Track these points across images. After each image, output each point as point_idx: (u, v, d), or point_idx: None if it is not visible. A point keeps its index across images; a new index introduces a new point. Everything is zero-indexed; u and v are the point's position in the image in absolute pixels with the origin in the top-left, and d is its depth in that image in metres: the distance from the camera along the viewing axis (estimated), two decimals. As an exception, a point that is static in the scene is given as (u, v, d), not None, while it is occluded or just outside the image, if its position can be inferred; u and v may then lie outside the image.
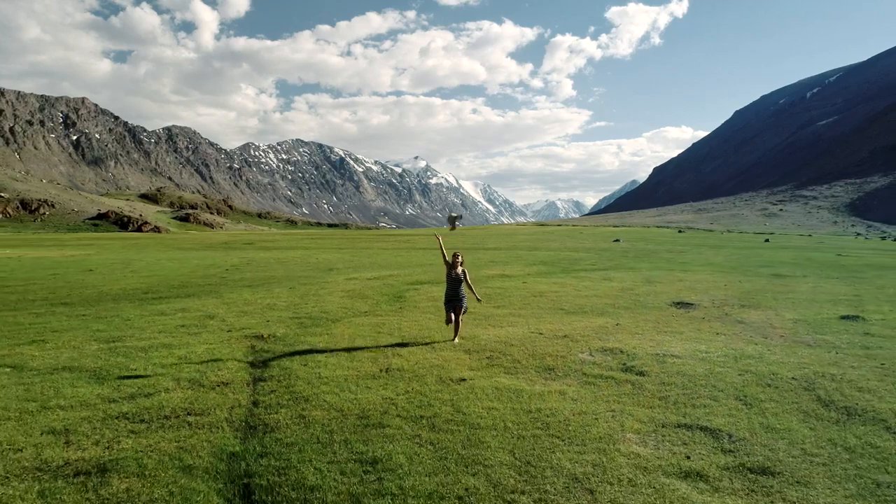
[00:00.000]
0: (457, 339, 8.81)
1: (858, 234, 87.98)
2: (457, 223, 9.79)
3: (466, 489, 3.86)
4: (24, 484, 4.04)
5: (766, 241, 59.27)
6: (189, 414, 5.55)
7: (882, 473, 4.12)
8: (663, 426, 5.10)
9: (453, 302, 8.75)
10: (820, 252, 38.81)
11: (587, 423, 5.13)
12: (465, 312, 9.04)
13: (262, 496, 3.89)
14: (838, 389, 6.09)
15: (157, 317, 11.51)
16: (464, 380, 6.59)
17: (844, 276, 21.14)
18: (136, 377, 6.82)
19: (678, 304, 13.29)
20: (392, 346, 8.57)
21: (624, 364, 7.32)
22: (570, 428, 5.02)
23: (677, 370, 6.96)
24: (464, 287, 8.89)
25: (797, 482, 3.99)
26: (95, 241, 59.98)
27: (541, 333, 9.48)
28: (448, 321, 8.85)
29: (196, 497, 3.85)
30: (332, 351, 8.25)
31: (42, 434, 5.02)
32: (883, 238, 73.63)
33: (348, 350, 8.30)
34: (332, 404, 5.75)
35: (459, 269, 8.89)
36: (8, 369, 7.30)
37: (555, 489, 3.87)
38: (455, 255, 9.02)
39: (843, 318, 11.10)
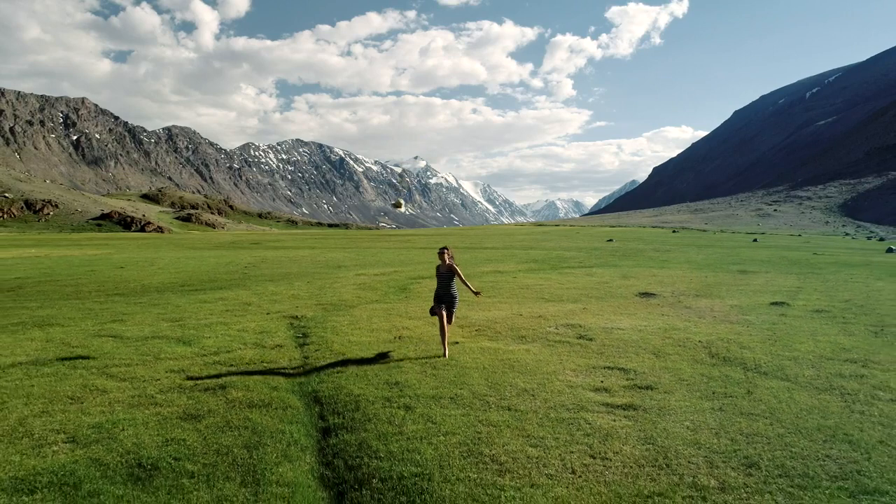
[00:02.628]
0: (447, 354, 8.03)
1: (847, 234, 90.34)
2: (400, 205, 10.58)
3: (455, 394, 6.18)
4: (174, 395, 6.35)
5: (755, 240, 61.51)
6: (262, 362, 7.86)
7: (721, 388, 6.44)
8: (593, 367, 7.41)
9: (444, 300, 8.23)
10: (798, 251, 41.07)
11: (540, 365, 7.46)
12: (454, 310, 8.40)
13: (326, 400, 6.20)
14: (727, 348, 8.42)
15: (202, 304, 13.81)
16: (457, 343, 8.91)
17: (804, 271, 23.43)
18: (212, 342, 9.14)
19: (643, 294, 15.60)
20: (401, 323, 10.89)
21: (579, 334, 9.63)
22: (528, 367, 7.34)
23: (617, 337, 9.29)
24: (455, 283, 8.34)
25: (665, 392, 6.31)
26: (108, 241, 62.30)
27: (520, 315, 11.79)
28: (433, 312, 8.26)
29: (287, 399, 6.17)
30: (354, 326, 10.57)
31: (166, 372, 7.34)
32: (868, 238, 75.96)
33: (367, 325, 10.62)
34: (362, 357, 8.07)
35: (448, 263, 8.30)
36: (111, 339, 9.60)
37: (510, 394, 6.19)
38: (442, 251, 8.37)
39: (772, 304, 13.42)
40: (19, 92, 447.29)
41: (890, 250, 44.44)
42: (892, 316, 11.52)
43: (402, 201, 9.97)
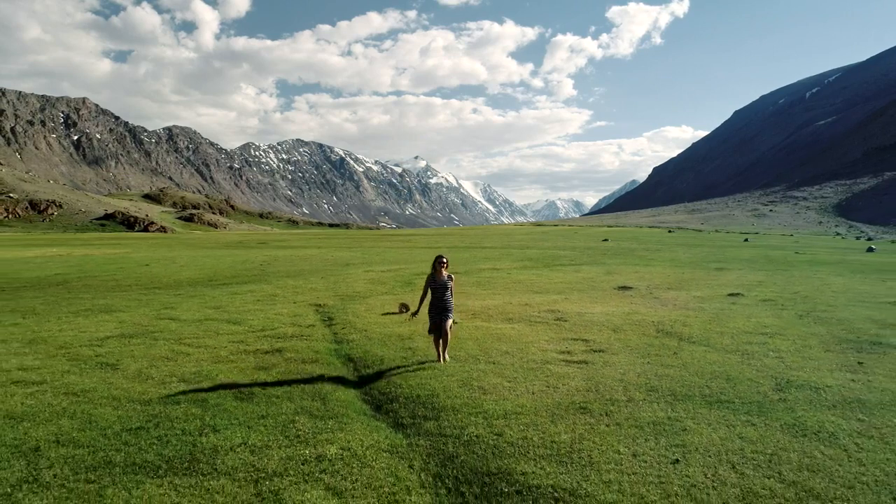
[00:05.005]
0: (447, 356, 7.96)
1: (838, 234, 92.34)
2: (403, 310, 12.47)
3: (454, 355, 8.27)
4: (243, 356, 8.42)
5: (745, 240, 63.50)
6: (301, 337, 9.93)
7: (656, 351, 8.51)
8: (562, 339, 9.49)
9: (439, 312, 7.83)
10: (782, 251, 43.12)
11: (521, 337, 9.54)
12: (451, 325, 8.04)
13: (358, 359, 8.27)
14: (672, 326, 10.50)
15: (234, 295, 15.86)
16: (456, 322, 10.98)
17: (776, 269, 25.50)
18: (257, 322, 11.21)
19: (621, 287, 17.65)
20: (410, 308, 12.95)
21: (556, 317, 11.71)
22: (511, 338, 9.43)
23: (587, 319, 11.36)
24: (450, 296, 7.93)
25: (613, 353, 8.38)
26: (119, 241, 64.43)
27: (510, 303, 13.86)
28: (431, 331, 7.91)
29: (328, 359, 8.24)
30: (370, 311, 12.65)
31: (229, 342, 9.41)
32: (857, 238, 78.03)
33: (381, 310, 12.70)
34: (381, 332, 10.16)
35: (445, 275, 7.91)
36: (171, 320, 11.67)
37: (495, 354, 8.28)
38: (439, 259, 7.95)
39: (729, 294, 15.49)
40: (20, 92, 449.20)
41: (870, 250, 46.55)
42: (825, 304, 13.60)
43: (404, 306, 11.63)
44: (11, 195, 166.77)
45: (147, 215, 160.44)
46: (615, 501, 3.84)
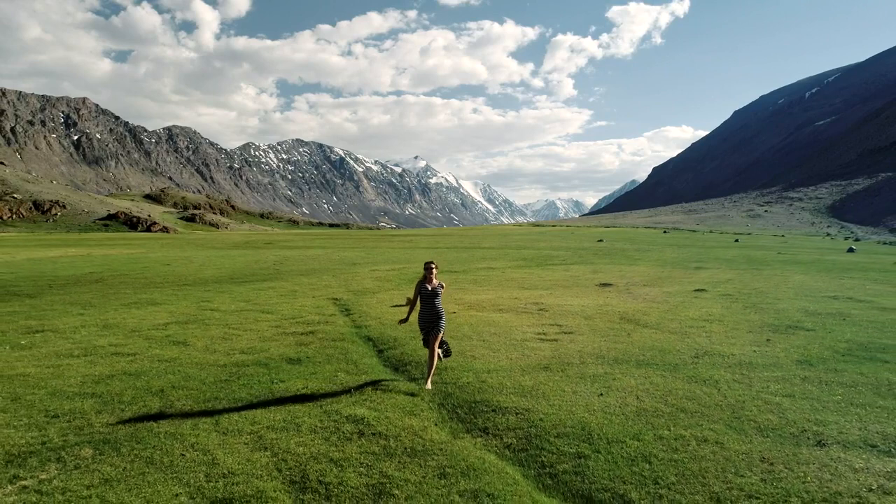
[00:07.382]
0: (429, 384, 7.23)
1: (829, 234, 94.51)
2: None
3: (452, 335, 10.40)
4: (283, 336, 10.53)
5: (736, 241, 65.68)
6: (326, 323, 12.04)
7: (614, 333, 10.63)
8: (541, 324, 11.61)
9: (429, 324, 7.50)
10: (766, 251, 45.20)
11: (507, 322, 11.67)
12: (442, 348, 7.78)
13: (376, 338, 10.38)
14: (635, 315, 12.62)
15: (258, 291, 17.96)
16: (454, 312, 13.11)
17: (749, 268, 27.61)
18: (287, 312, 13.31)
19: (602, 284, 19.77)
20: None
21: (539, 308, 13.83)
22: (498, 323, 11.55)
23: (565, 309, 13.48)
24: (440, 304, 7.61)
25: (579, 334, 10.50)
26: (130, 241, 66.55)
27: (501, 297, 15.99)
28: (432, 355, 7.38)
29: (352, 338, 10.36)
30: (381, 303, 14.77)
31: (269, 327, 11.52)
32: (846, 238, 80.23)
33: (391, 302, 14.81)
34: (392, 319, 12.26)
35: (435, 282, 7.58)
36: (212, 311, 13.76)
37: (485, 334, 10.41)
38: (428, 265, 7.62)
39: (695, 290, 17.61)
40: (20, 92, 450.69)
41: (850, 250, 48.67)
42: (773, 297, 15.72)
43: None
44: (15, 195, 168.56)
45: (149, 216, 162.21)
46: (554, 413, 5.96)
